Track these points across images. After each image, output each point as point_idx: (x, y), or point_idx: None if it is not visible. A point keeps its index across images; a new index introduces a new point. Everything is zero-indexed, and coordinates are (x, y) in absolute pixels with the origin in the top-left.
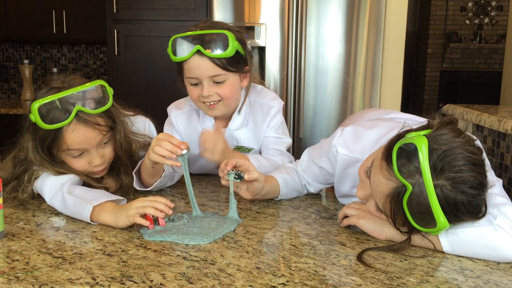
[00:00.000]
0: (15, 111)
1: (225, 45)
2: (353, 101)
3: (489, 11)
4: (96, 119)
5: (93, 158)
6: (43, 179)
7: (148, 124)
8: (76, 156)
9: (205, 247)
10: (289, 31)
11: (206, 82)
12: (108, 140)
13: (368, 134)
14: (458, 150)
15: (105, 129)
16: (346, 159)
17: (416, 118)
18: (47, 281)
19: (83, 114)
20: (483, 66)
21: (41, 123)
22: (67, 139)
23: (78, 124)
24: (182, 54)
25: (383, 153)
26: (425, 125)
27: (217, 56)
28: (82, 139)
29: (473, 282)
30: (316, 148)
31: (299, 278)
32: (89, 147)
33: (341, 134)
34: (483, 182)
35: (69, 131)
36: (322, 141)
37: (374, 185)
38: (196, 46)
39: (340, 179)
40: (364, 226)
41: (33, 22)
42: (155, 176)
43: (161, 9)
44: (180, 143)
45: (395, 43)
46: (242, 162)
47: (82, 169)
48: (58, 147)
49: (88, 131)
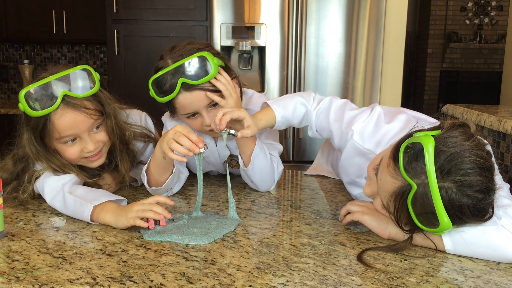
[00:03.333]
0: (15, 111)
1: (207, 68)
2: (353, 101)
3: (489, 11)
4: (83, 102)
5: (86, 143)
6: (44, 179)
7: (145, 117)
8: (69, 143)
9: (205, 247)
10: (289, 31)
11: (204, 113)
12: (99, 125)
13: (386, 128)
14: (466, 153)
15: (94, 113)
16: (357, 147)
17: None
18: (47, 281)
19: (70, 99)
20: (483, 66)
21: (29, 111)
22: (56, 125)
23: (66, 108)
24: (167, 93)
25: (391, 151)
26: (436, 126)
27: (204, 82)
28: (71, 123)
29: (473, 282)
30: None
31: (299, 278)
32: (80, 132)
33: (366, 119)
34: (489, 187)
35: (57, 116)
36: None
37: (381, 183)
38: (179, 80)
39: (345, 165)
40: (368, 222)
41: (33, 22)
42: (166, 171)
43: (161, 9)
44: (198, 140)
45: (395, 43)
46: (237, 115)
47: (75, 156)
48: (50, 135)
49: (76, 115)
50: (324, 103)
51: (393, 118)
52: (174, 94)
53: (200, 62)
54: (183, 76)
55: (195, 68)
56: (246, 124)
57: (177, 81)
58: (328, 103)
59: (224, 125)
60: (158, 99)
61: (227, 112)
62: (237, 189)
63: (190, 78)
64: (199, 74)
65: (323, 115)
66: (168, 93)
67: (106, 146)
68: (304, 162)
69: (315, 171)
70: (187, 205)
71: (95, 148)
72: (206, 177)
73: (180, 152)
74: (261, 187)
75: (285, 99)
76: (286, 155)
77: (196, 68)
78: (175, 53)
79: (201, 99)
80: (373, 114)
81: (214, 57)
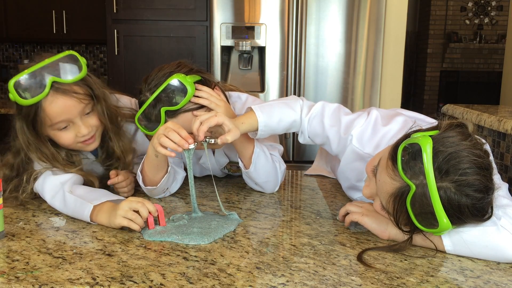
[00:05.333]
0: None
1: (183, 90)
2: (353, 101)
3: (489, 11)
4: (72, 87)
5: (79, 128)
6: (44, 179)
7: (135, 102)
8: (62, 129)
9: (205, 247)
10: (289, 31)
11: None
12: (90, 110)
13: (384, 130)
14: (464, 153)
15: (84, 98)
16: (356, 151)
17: (422, 117)
18: (47, 281)
19: (59, 84)
20: (483, 66)
21: (20, 100)
22: (48, 112)
23: (56, 94)
24: (157, 125)
25: (389, 152)
26: (434, 126)
27: (185, 103)
28: (62, 108)
29: (473, 282)
30: (334, 114)
31: (299, 278)
32: (72, 117)
33: (364, 123)
34: (488, 186)
35: (48, 103)
36: (342, 109)
37: (379, 184)
38: (162, 110)
39: (345, 170)
40: (368, 224)
41: (33, 22)
42: (159, 170)
43: (161, 9)
44: (188, 136)
45: (395, 43)
46: (215, 122)
47: (71, 141)
48: (42, 122)
49: (67, 100)
50: (316, 109)
51: (390, 121)
52: (161, 125)
53: (174, 87)
54: (164, 105)
55: (171, 94)
56: (227, 128)
57: (159, 111)
58: (320, 108)
59: (202, 136)
60: (150, 134)
61: (204, 121)
62: (237, 189)
63: (171, 105)
64: (177, 99)
65: (316, 121)
66: (157, 124)
67: (99, 130)
68: (304, 162)
69: (315, 171)
70: (187, 205)
71: (89, 132)
72: (206, 178)
73: (169, 147)
74: (266, 188)
75: (271, 106)
76: (286, 155)
77: (172, 94)
78: (150, 84)
79: (189, 120)
80: (370, 118)
81: (187, 76)
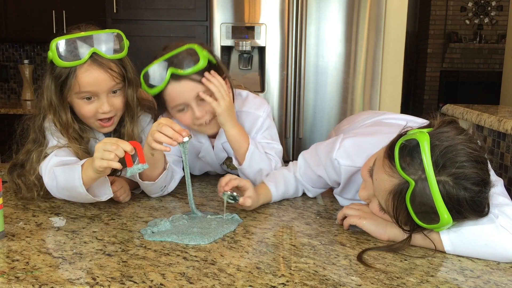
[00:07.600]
0: (15, 111)
1: (195, 58)
2: (353, 101)
3: (489, 11)
4: (109, 63)
5: (102, 104)
6: (48, 161)
7: None
8: (85, 99)
9: (205, 247)
10: (289, 31)
11: (194, 104)
12: (119, 90)
13: (370, 141)
14: (460, 146)
15: (117, 76)
16: (350, 169)
17: (412, 118)
18: (47, 281)
19: (98, 57)
20: (483, 66)
21: (57, 60)
22: (79, 79)
23: (92, 65)
24: (157, 83)
25: (385, 151)
26: (426, 124)
27: (193, 71)
28: (93, 80)
29: (473, 282)
30: (312, 154)
31: (299, 278)
32: (100, 91)
33: (340, 146)
34: (485, 179)
35: (82, 71)
36: (317, 146)
37: (377, 183)
38: (168, 70)
39: (345, 187)
40: (366, 226)
41: (33, 22)
42: (156, 167)
43: (161, 9)
44: (181, 129)
45: (395, 43)
46: (243, 184)
47: (91, 114)
48: (70, 87)
49: (100, 73)
50: (299, 162)
51: (370, 132)
52: (164, 84)
53: (188, 53)
54: (171, 66)
55: (183, 58)
56: (247, 194)
57: (166, 71)
58: (301, 158)
59: (229, 187)
60: (148, 91)
61: (235, 178)
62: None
63: (180, 68)
64: (188, 64)
65: (303, 170)
66: (158, 84)
67: (118, 115)
68: None
69: None
70: (187, 205)
71: (110, 111)
72: (205, 177)
73: (164, 141)
74: None
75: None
76: (286, 155)
77: (184, 58)
78: (166, 49)
79: (190, 89)
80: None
81: (203, 49)
